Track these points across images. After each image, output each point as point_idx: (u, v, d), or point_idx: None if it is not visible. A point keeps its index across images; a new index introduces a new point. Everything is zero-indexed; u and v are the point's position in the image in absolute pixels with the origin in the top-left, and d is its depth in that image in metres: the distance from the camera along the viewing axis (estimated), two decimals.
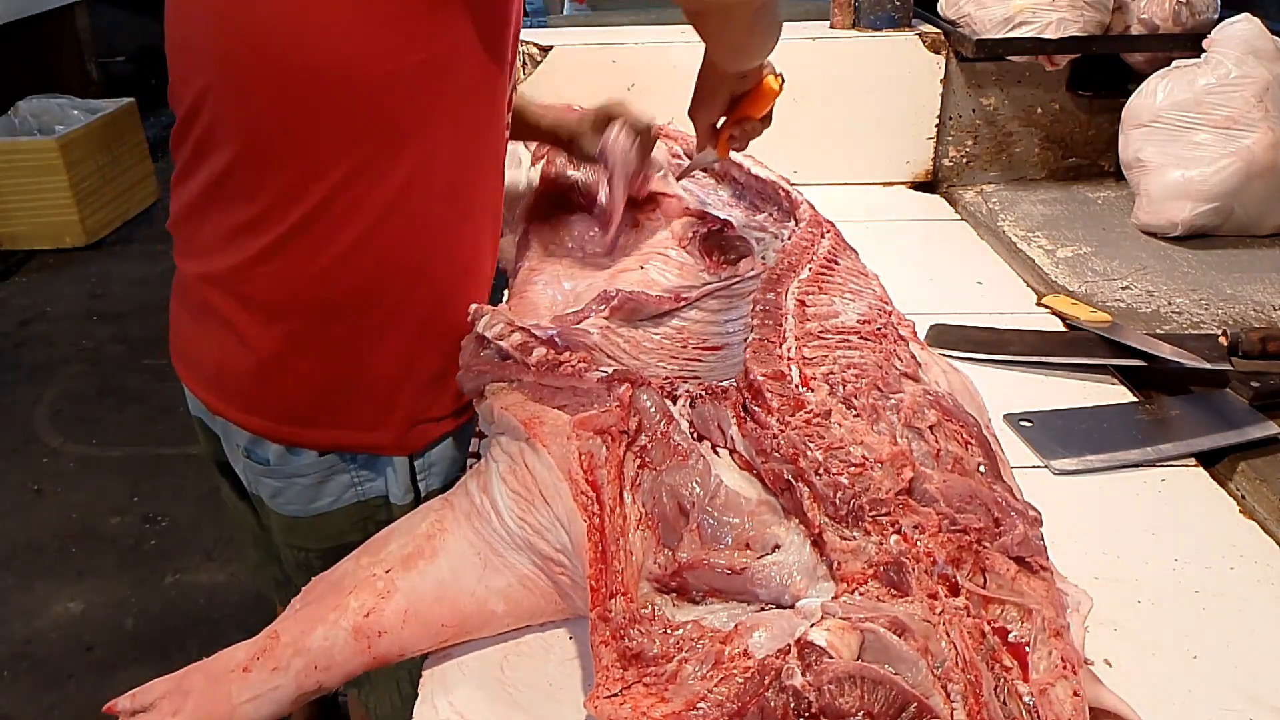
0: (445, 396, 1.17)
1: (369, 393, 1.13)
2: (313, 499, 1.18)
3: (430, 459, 1.20)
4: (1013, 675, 0.72)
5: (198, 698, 0.86)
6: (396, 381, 1.13)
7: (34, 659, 2.41)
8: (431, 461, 1.20)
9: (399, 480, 1.18)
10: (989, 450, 0.92)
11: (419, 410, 1.16)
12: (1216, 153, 1.83)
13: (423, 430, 1.17)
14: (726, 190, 1.56)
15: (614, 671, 0.74)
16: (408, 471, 1.18)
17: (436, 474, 1.21)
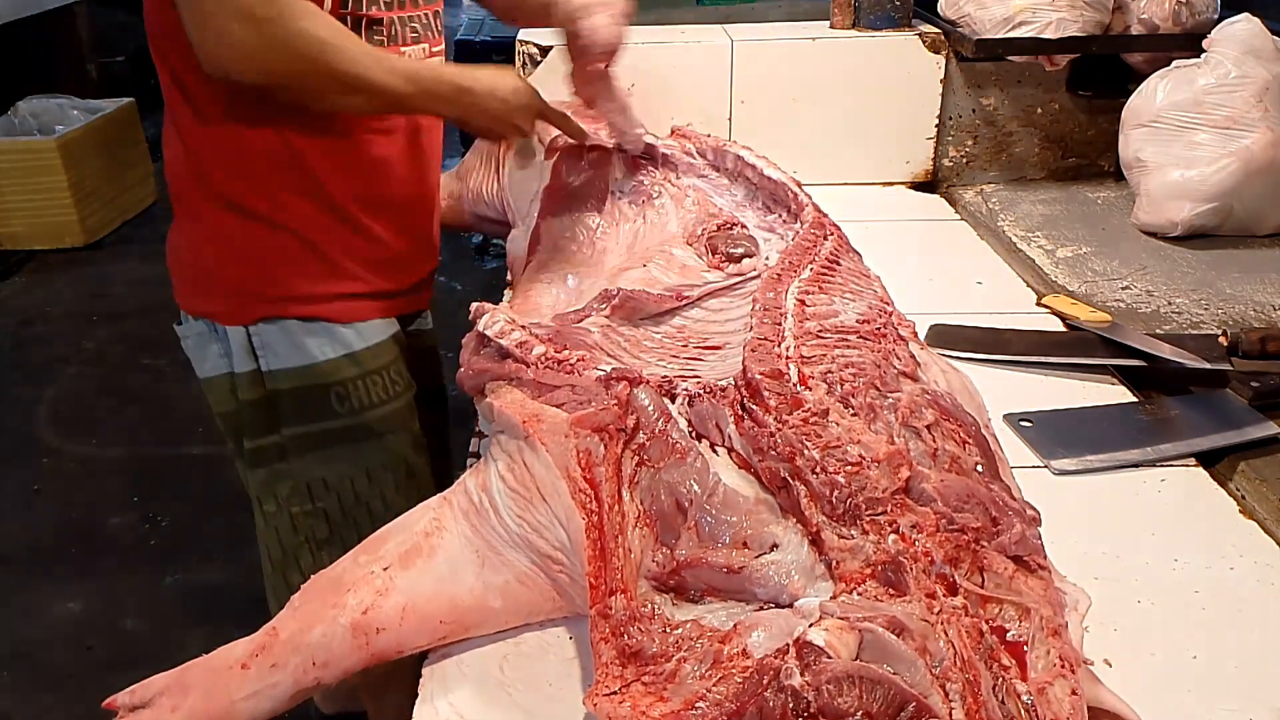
0: (272, 279, 1.32)
1: (204, 265, 1.35)
2: (199, 362, 1.39)
3: (265, 336, 1.33)
4: (1011, 674, 0.72)
5: (197, 694, 0.86)
6: (219, 255, 1.33)
7: (34, 659, 2.41)
8: (271, 340, 1.33)
9: (237, 350, 1.34)
10: (987, 449, 0.92)
11: (245, 285, 1.33)
12: (1216, 153, 1.83)
13: (252, 305, 1.33)
14: (740, 190, 1.56)
15: (613, 669, 0.75)
16: (244, 342, 1.34)
17: (278, 356, 1.34)
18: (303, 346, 1.35)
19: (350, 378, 1.38)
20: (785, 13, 2.38)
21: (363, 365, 1.39)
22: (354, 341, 1.38)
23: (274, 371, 1.35)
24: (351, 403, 1.38)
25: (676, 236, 1.41)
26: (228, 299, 1.34)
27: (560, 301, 1.29)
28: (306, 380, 1.36)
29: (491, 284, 1.60)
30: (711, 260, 1.34)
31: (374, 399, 1.40)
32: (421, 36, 1.37)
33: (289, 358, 1.35)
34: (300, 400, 1.37)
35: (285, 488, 1.40)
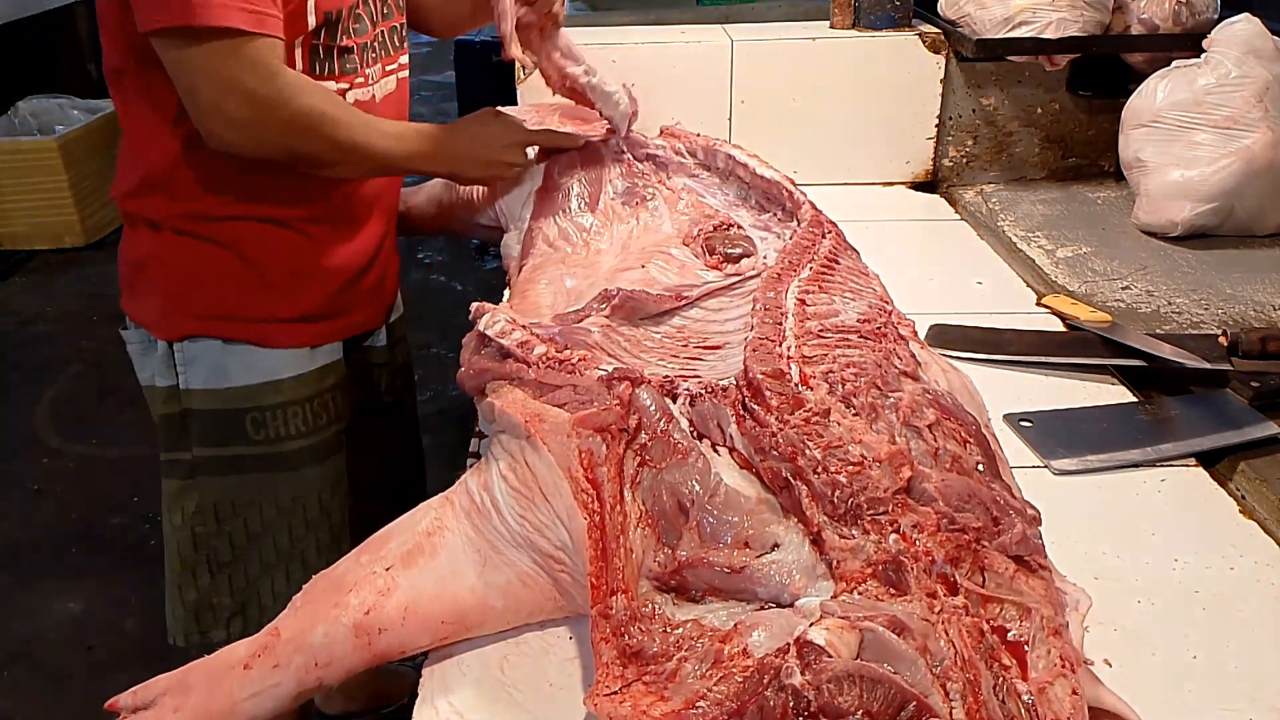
0: (202, 295, 1.30)
1: (143, 274, 1.33)
2: (140, 369, 1.38)
3: (188, 352, 1.32)
4: (1011, 674, 0.72)
5: (199, 694, 0.86)
6: (156, 267, 1.32)
7: (34, 659, 2.41)
8: (192, 357, 1.32)
9: (160, 363, 1.33)
10: (987, 449, 0.92)
11: (176, 298, 1.31)
12: (1216, 153, 1.83)
13: (180, 320, 1.31)
14: (733, 190, 1.56)
15: (614, 669, 0.75)
16: (168, 356, 1.32)
17: (196, 374, 1.32)
18: (222, 368, 1.33)
19: (269, 405, 1.35)
20: (785, 13, 2.38)
21: (284, 394, 1.35)
22: (279, 369, 1.35)
23: (191, 390, 1.33)
24: (267, 431, 1.35)
25: (673, 237, 1.41)
26: (160, 311, 1.33)
27: (558, 302, 1.29)
28: (222, 403, 1.33)
29: (491, 284, 1.60)
30: (709, 260, 1.34)
31: (292, 430, 1.37)
32: (379, 55, 1.37)
33: (208, 378, 1.33)
34: (214, 422, 1.34)
35: (191, 504, 1.38)
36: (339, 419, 1.43)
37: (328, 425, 1.40)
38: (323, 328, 1.39)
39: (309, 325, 1.37)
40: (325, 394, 1.40)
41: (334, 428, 1.42)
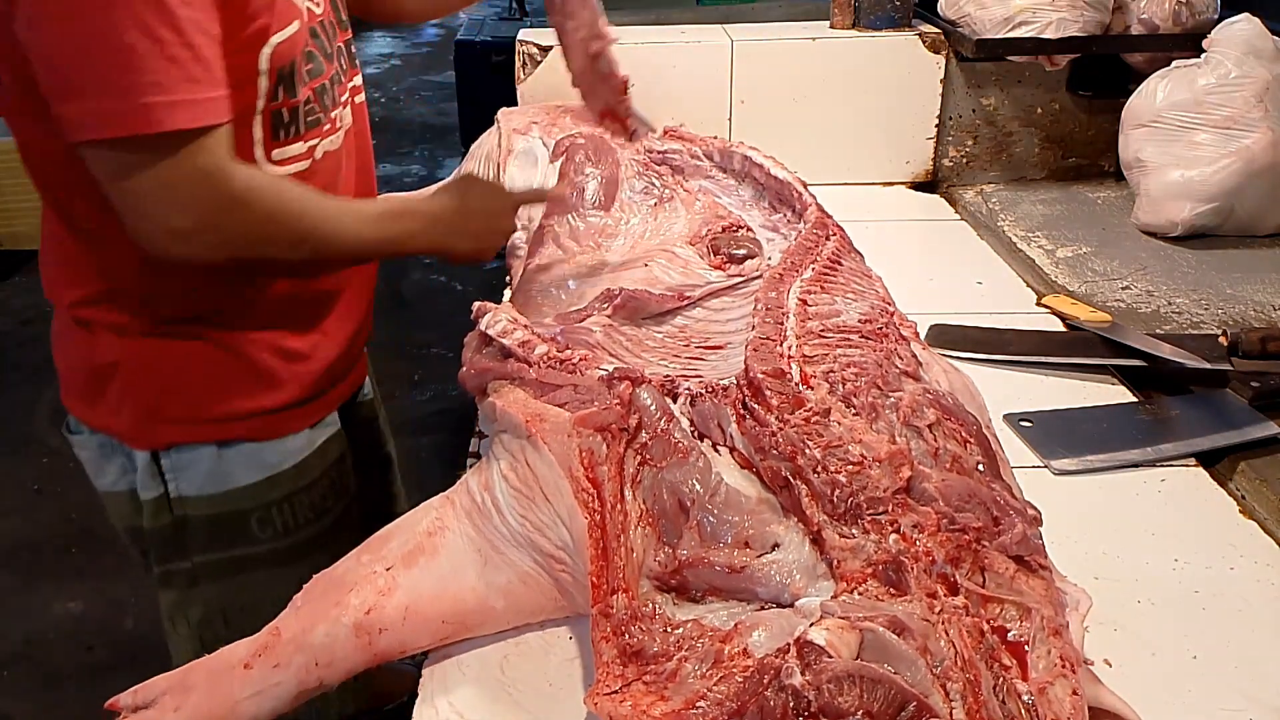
0: (186, 400, 1.17)
1: (102, 376, 1.17)
2: (98, 474, 1.24)
3: (178, 460, 1.18)
4: (1012, 674, 0.72)
5: (199, 694, 0.86)
6: (128, 375, 1.17)
7: (34, 659, 2.41)
8: (182, 464, 1.18)
9: (142, 473, 1.20)
10: (988, 449, 0.92)
11: (151, 404, 1.17)
12: (1216, 153, 1.83)
13: (163, 429, 1.18)
14: (748, 190, 1.56)
15: (614, 668, 0.75)
16: (151, 466, 1.19)
17: (190, 481, 1.19)
18: (220, 472, 1.20)
19: (274, 501, 1.23)
20: (785, 13, 2.39)
21: (288, 486, 1.24)
22: (280, 461, 1.23)
23: (185, 498, 1.20)
24: (275, 527, 1.24)
25: (680, 237, 1.41)
26: (136, 421, 1.18)
27: (561, 302, 1.29)
28: (223, 507, 1.21)
29: (492, 284, 1.60)
30: (713, 261, 1.34)
31: (300, 520, 1.26)
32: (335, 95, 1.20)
33: (203, 484, 1.20)
34: (215, 527, 1.22)
35: (196, 613, 1.27)
36: (345, 493, 1.32)
37: (336, 504, 1.30)
38: (320, 404, 1.28)
39: (308, 405, 1.26)
40: (330, 470, 1.30)
41: (342, 504, 1.31)
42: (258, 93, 1.06)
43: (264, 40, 1.04)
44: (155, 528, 1.22)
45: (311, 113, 1.14)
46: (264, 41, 1.04)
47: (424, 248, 1.22)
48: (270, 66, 1.06)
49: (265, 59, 1.05)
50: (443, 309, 4.09)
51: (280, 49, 1.06)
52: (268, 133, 1.10)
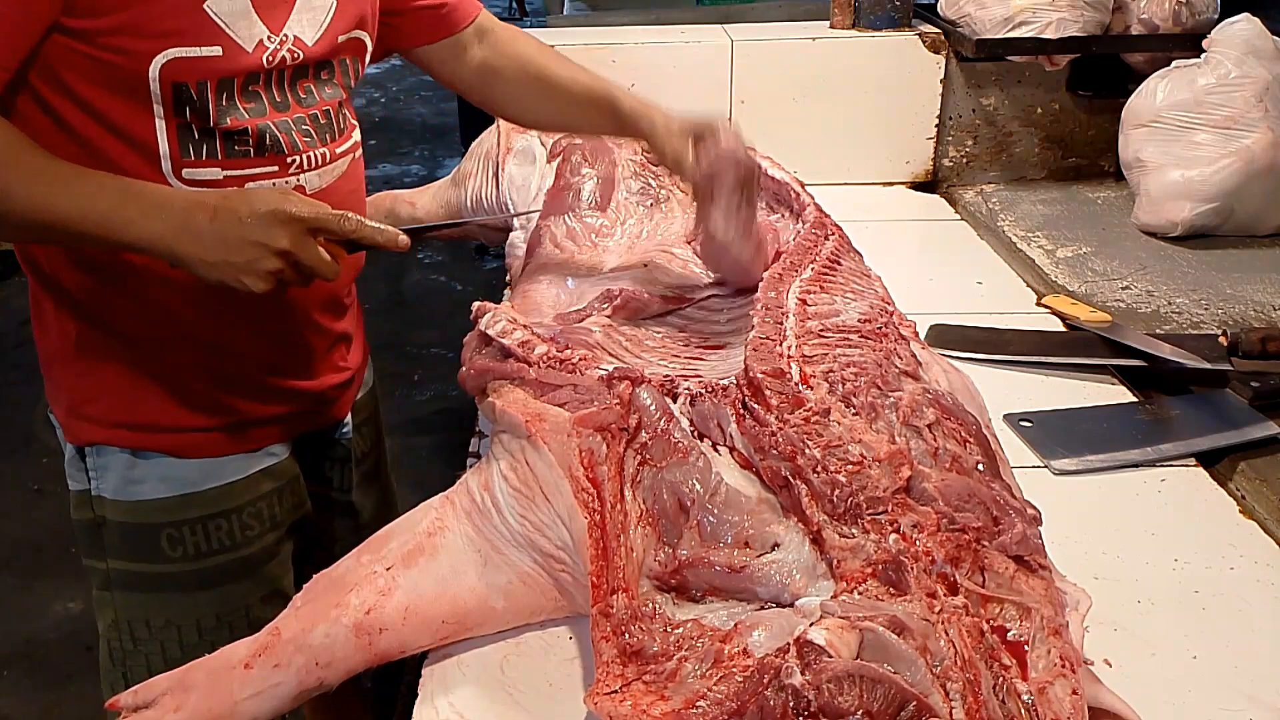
0: (107, 402, 1.14)
1: (50, 371, 1.18)
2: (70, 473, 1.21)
3: (99, 460, 1.16)
4: (1011, 674, 0.72)
5: (200, 694, 0.86)
6: (60, 369, 1.17)
7: (34, 659, 2.41)
8: (102, 464, 1.16)
9: (70, 464, 1.19)
10: (988, 448, 0.92)
11: (77, 402, 1.16)
12: (1216, 153, 1.83)
13: (85, 426, 1.16)
14: None
15: (614, 668, 0.75)
16: (77, 460, 1.18)
17: (108, 482, 1.16)
18: (134, 479, 1.15)
19: (187, 520, 1.16)
20: (785, 13, 2.39)
21: (204, 508, 1.17)
22: (200, 480, 1.16)
23: (103, 499, 1.16)
24: (186, 548, 1.17)
25: (677, 237, 1.41)
26: (66, 413, 1.17)
27: (560, 301, 1.29)
28: (135, 516, 1.16)
29: (492, 284, 1.60)
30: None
31: (215, 545, 1.18)
32: (318, 140, 1.13)
33: (118, 489, 1.16)
34: (128, 535, 1.17)
35: (108, 616, 1.24)
36: (276, 526, 1.23)
37: (260, 535, 1.21)
38: (258, 434, 1.19)
39: (240, 433, 1.18)
40: (258, 502, 1.21)
41: (269, 536, 1.22)
42: (151, 101, 1.02)
43: (156, 52, 1.00)
44: (79, 520, 1.20)
45: (240, 143, 1.06)
46: (156, 53, 1.00)
47: (140, 239, 0.98)
48: (163, 79, 1.01)
49: (156, 69, 1.00)
50: (443, 309, 4.09)
51: (180, 65, 1.01)
52: (175, 146, 1.04)
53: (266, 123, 1.08)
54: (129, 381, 1.13)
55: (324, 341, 1.24)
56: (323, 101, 1.14)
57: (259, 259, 0.97)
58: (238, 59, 1.04)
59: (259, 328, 1.16)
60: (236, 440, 1.18)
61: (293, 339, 1.19)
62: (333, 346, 1.26)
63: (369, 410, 1.41)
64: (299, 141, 1.11)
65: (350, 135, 1.20)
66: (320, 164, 1.14)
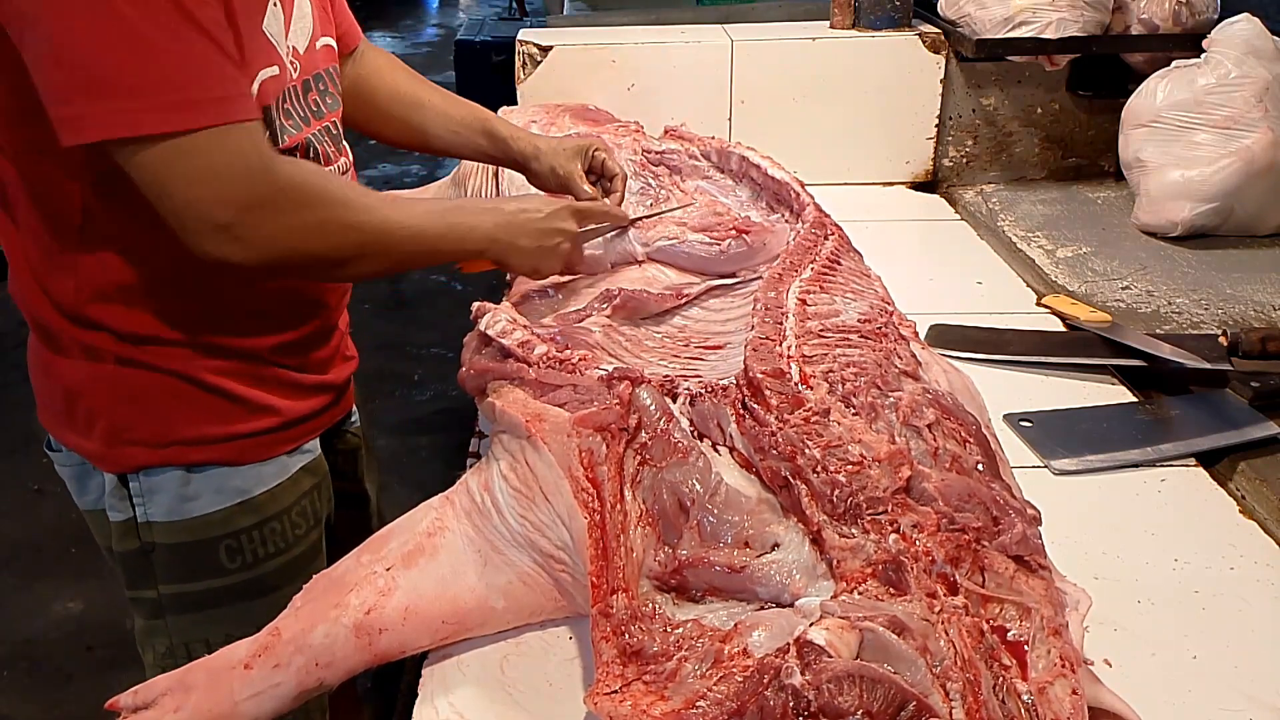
0: (155, 423, 1.13)
1: (73, 396, 1.14)
2: (79, 493, 1.21)
3: (147, 484, 1.14)
4: (1011, 674, 0.72)
5: (200, 694, 0.86)
6: (95, 398, 1.13)
7: (34, 659, 2.41)
8: (150, 488, 1.14)
9: (110, 495, 1.16)
10: (988, 448, 0.92)
11: (119, 427, 1.13)
12: (1216, 153, 1.83)
13: (131, 451, 1.13)
14: (745, 191, 1.56)
15: (614, 668, 0.75)
16: (119, 489, 1.15)
17: (159, 506, 1.15)
18: (188, 496, 1.15)
19: (245, 528, 1.18)
20: (785, 13, 2.39)
21: (261, 512, 1.19)
22: (253, 486, 1.18)
23: (152, 524, 1.16)
24: (244, 556, 1.19)
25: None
26: (104, 443, 1.14)
27: (560, 302, 1.29)
28: (191, 535, 1.16)
29: (492, 284, 1.60)
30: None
31: (271, 549, 1.21)
32: (336, 152, 1.18)
33: (171, 509, 1.15)
34: (182, 556, 1.17)
35: (161, 645, 1.21)
36: (317, 523, 1.27)
37: (307, 533, 1.25)
38: (298, 431, 1.22)
39: (283, 433, 1.20)
40: (303, 499, 1.24)
41: (314, 533, 1.26)
42: None
43: (255, 72, 1.02)
44: (123, 552, 1.18)
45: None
46: (255, 74, 1.02)
47: (484, 243, 1.17)
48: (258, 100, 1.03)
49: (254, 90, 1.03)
50: (442, 309, 4.09)
51: (265, 85, 1.04)
52: None
53: (305, 138, 1.11)
54: (175, 398, 1.12)
55: (337, 332, 1.28)
56: (330, 113, 1.17)
57: (561, 242, 1.20)
58: (284, 76, 1.07)
59: (287, 325, 1.18)
60: (281, 441, 1.20)
61: (315, 333, 1.22)
62: (342, 336, 1.30)
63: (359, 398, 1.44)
64: (331, 152, 1.16)
65: (349, 153, 1.23)
66: (343, 174, 1.19)
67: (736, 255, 1.32)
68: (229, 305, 1.12)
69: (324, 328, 1.24)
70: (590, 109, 1.93)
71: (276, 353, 1.17)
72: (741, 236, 1.31)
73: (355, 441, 1.40)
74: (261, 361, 1.16)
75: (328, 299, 1.22)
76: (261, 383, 1.17)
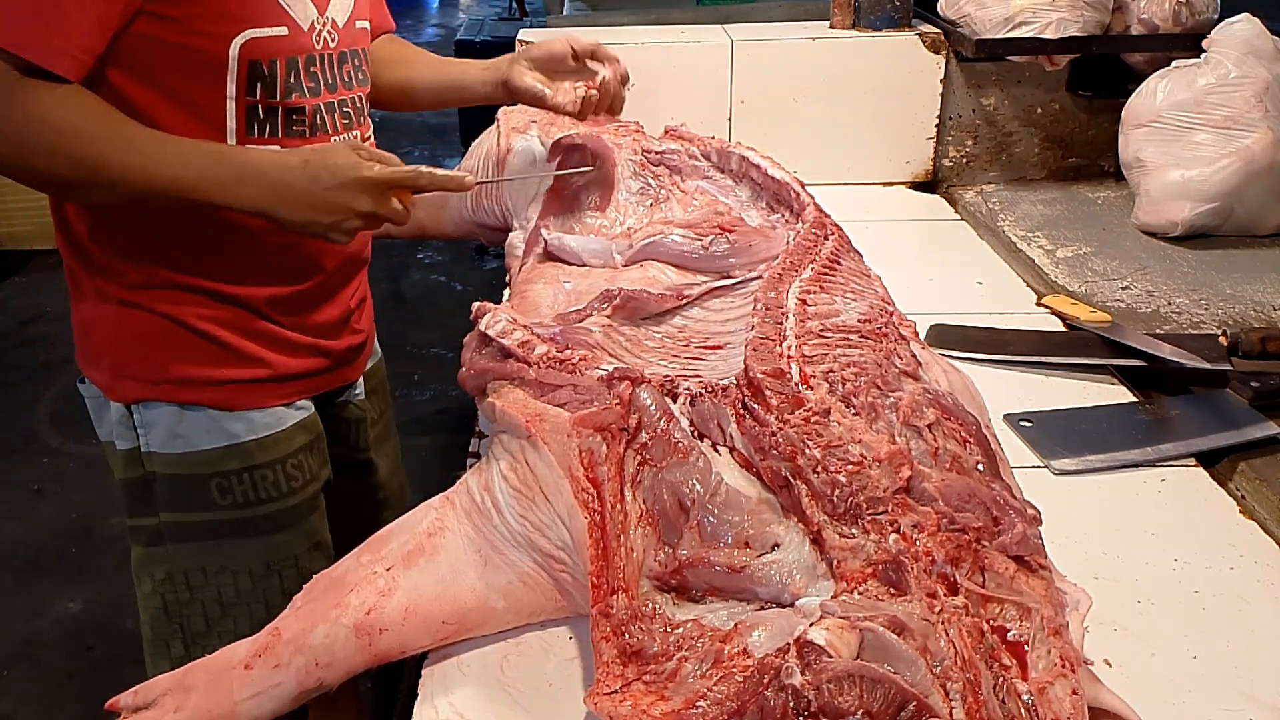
0: (149, 362, 1.20)
1: (88, 332, 1.24)
2: (98, 424, 1.28)
3: (147, 416, 1.22)
4: (1011, 674, 0.72)
5: (200, 694, 0.86)
6: (102, 332, 1.22)
7: (34, 659, 2.41)
8: (150, 420, 1.22)
9: (117, 424, 1.24)
10: (988, 448, 0.92)
11: (121, 362, 1.22)
12: (1216, 153, 1.83)
13: (131, 385, 1.22)
14: (745, 191, 1.56)
15: (614, 668, 0.75)
16: (125, 418, 1.23)
17: (156, 437, 1.22)
18: (182, 432, 1.22)
19: (234, 470, 1.23)
20: (785, 13, 2.39)
21: (250, 459, 1.24)
22: (241, 432, 1.23)
23: (152, 453, 1.23)
24: (234, 496, 1.24)
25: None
26: (110, 374, 1.23)
27: (559, 302, 1.29)
28: (184, 468, 1.22)
29: (492, 284, 1.60)
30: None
31: (262, 495, 1.25)
32: (354, 122, 1.25)
33: (166, 442, 1.22)
34: (178, 487, 1.23)
35: (160, 571, 1.27)
36: (314, 479, 1.31)
37: (303, 486, 1.29)
38: (289, 388, 1.27)
39: (273, 386, 1.26)
40: (298, 454, 1.28)
41: (310, 488, 1.31)
42: (226, 81, 1.11)
43: (236, 33, 1.10)
44: (126, 480, 1.25)
45: (298, 123, 1.18)
46: (236, 33, 1.10)
47: (236, 202, 1.07)
48: (241, 58, 1.11)
49: (235, 48, 1.10)
50: (443, 309, 4.09)
51: (256, 44, 1.11)
52: (241, 124, 1.14)
53: (319, 103, 1.19)
54: (169, 339, 1.20)
55: (344, 300, 1.32)
56: (356, 88, 1.26)
57: (344, 219, 1.09)
58: (298, 38, 1.15)
59: (279, 279, 1.23)
60: (272, 393, 1.26)
61: (310, 292, 1.27)
62: (353, 309, 1.35)
63: (378, 377, 1.51)
64: (339, 124, 1.22)
65: (369, 126, 1.30)
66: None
67: (723, 252, 1.32)
68: (225, 255, 1.19)
69: (321, 289, 1.28)
70: None
71: (269, 305, 1.23)
72: (725, 235, 1.32)
73: (358, 413, 1.44)
74: (253, 313, 1.22)
75: (324, 261, 1.26)
76: (251, 334, 1.23)
